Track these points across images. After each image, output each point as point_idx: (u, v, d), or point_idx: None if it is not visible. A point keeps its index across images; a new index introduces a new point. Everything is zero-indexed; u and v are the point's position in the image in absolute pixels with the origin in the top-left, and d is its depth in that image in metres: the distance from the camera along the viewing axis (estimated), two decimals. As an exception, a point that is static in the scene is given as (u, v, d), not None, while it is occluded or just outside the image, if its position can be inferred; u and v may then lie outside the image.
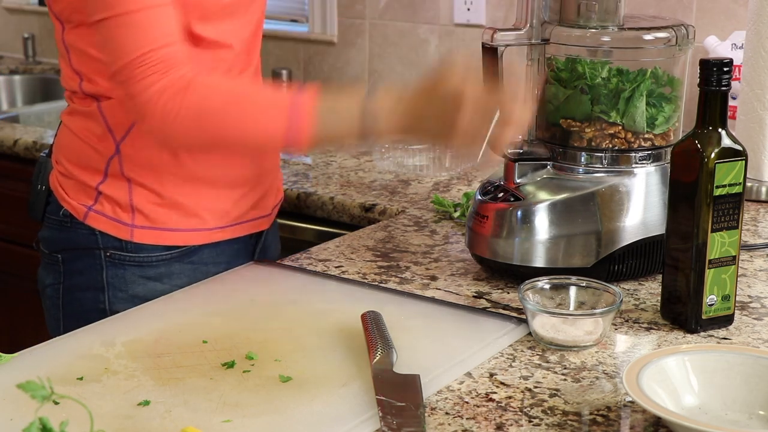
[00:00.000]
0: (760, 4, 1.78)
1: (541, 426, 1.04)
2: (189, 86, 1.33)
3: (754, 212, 1.77)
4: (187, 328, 1.26)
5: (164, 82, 1.32)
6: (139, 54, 1.32)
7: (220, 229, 1.54)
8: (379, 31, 2.75)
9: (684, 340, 1.25)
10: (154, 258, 1.50)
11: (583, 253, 1.37)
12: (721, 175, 1.21)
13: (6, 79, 3.29)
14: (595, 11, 1.38)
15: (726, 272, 1.24)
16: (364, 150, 2.25)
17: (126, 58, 1.33)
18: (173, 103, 1.32)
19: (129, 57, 1.32)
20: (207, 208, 1.51)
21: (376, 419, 1.02)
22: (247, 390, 1.09)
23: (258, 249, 1.63)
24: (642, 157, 1.40)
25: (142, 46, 1.32)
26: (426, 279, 1.44)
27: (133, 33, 1.33)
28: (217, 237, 1.53)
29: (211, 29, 1.44)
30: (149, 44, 1.33)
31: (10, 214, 2.54)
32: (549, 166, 1.42)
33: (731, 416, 1.05)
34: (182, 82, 1.33)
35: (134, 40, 1.33)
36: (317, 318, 1.29)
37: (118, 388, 1.10)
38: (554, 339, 1.21)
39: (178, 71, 1.34)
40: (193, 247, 1.52)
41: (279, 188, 1.68)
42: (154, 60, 1.32)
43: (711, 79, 1.20)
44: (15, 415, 1.03)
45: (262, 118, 1.34)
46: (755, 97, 1.82)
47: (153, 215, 1.49)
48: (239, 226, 1.55)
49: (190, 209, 1.50)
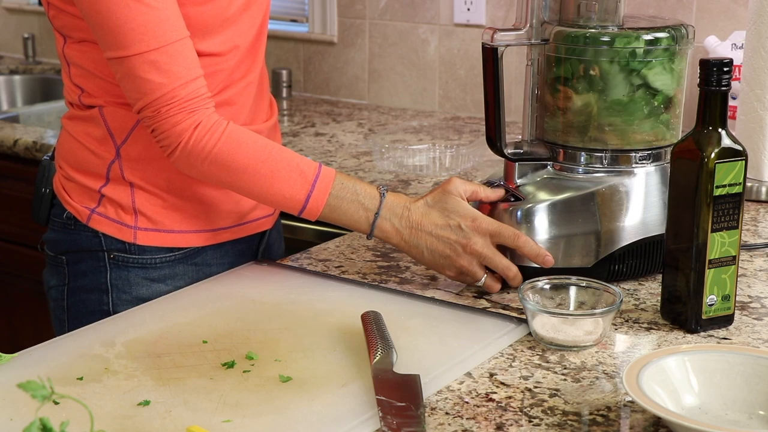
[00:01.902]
0: (760, 4, 1.78)
1: (541, 426, 1.04)
2: (223, 132, 1.36)
3: (754, 212, 1.77)
4: (187, 328, 1.26)
5: (194, 119, 1.34)
6: (166, 92, 1.33)
7: (224, 230, 1.54)
8: (379, 31, 2.75)
9: (684, 340, 1.25)
10: (158, 260, 1.50)
11: (583, 253, 1.37)
12: (721, 175, 1.21)
13: (6, 79, 3.30)
14: (595, 11, 1.38)
15: (726, 272, 1.24)
16: (364, 150, 2.25)
17: (151, 96, 1.33)
18: (204, 143, 1.35)
19: (154, 95, 1.33)
20: (210, 209, 1.51)
21: (376, 419, 1.02)
22: (247, 390, 1.09)
23: (261, 248, 1.63)
24: (642, 157, 1.40)
25: (167, 84, 1.33)
26: (426, 279, 1.44)
27: (155, 72, 1.33)
28: (221, 238, 1.54)
29: (212, 43, 1.44)
30: (174, 81, 1.34)
31: (10, 214, 2.54)
32: (549, 166, 1.43)
33: (731, 416, 1.05)
34: (214, 125, 1.36)
35: (159, 77, 1.33)
36: (317, 318, 1.29)
37: (118, 388, 1.10)
38: (554, 339, 1.21)
39: (207, 109, 1.36)
40: (196, 248, 1.52)
41: None
42: (182, 98, 1.34)
43: (711, 79, 1.20)
44: (15, 415, 1.03)
45: (286, 185, 1.37)
46: (755, 97, 1.82)
47: (156, 217, 1.49)
48: (242, 226, 1.56)
49: (193, 211, 1.50)
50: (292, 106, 2.79)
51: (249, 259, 1.59)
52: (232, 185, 1.38)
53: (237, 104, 1.50)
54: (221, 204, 1.52)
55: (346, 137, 2.40)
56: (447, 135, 2.39)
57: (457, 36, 2.64)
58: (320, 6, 2.84)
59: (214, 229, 1.53)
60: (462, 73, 2.65)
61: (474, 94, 2.64)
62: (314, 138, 2.39)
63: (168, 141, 1.35)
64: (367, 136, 2.41)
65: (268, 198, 1.39)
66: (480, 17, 2.58)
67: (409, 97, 2.75)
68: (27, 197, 1.72)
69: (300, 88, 2.93)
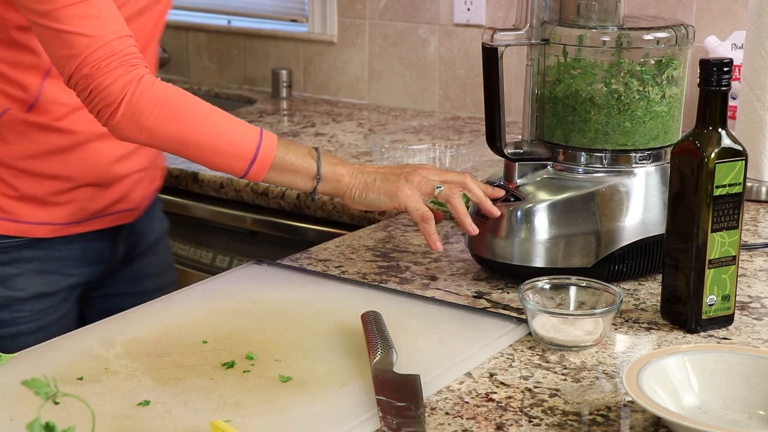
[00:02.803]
0: (760, 4, 1.78)
1: (541, 426, 1.04)
2: (166, 84, 1.34)
3: (754, 212, 1.77)
4: (187, 328, 1.26)
5: (137, 72, 1.32)
6: (103, 44, 1.30)
7: (76, 223, 1.56)
8: (379, 31, 2.75)
9: (684, 340, 1.25)
10: (4, 244, 1.52)
11: (583, 253, 1.37)
12: (721, 175, 1.21)
13: None
14: (595, 11, 1.38)
15: (726, 272, 1.24)
16: (364, 150, 2.25)
17: (88, 50, 1.30)
18: (150, 93, 1.32)
19: (91, 48, 1.30)
20: (61, 204, 1.53)
21: (376, 419, 1.02)
22: (247, 390, 1.09)
23: (122, 235, 1.63)
24: (642, 157, 1.40)
25: (103, 36, 1.30)
26: (426, 279, 1.44)
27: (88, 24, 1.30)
28: (72, 231, 1.56)
29: None
30: (109, 34, 1.31)
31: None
32: (549, 166, 1.43)
33: (731, 416, 1.05)
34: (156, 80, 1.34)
35: (92, 30, 1.30)
36: (317, 318, 1.29)
37: (118, 388, 1.10)
38: (554, 339, 1.21)
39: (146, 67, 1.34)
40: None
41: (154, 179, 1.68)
42: (120, 51, 1.31)
43: (711, 79, 1.20)
44: (15, 415, 1.03)
45: (236, 133, 1.35)
46: (755, 97, 1.82)
47: (6, 206, 1.51)
48: (97, 220, 1.57)
49: (43, 204, 1.52)
50: (292, 106, 2.79)
51: (106, 243, 1.61)
52: (180, 136, 1.33)
53: None
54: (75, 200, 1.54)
55: (346, 137, 2.40)
56: (447, 135, 2.39)
57: (457, 36, 2.64)
58: (320, 6, 2.84)
59: (66, 222, 1.55)
60: (462, 73, 2.65)
61: (474, 94, 2.64)
62: (314, 138, 2.39)
63: (111, 98, 1.31)
64: (367, 136, 2.41)
65: (218, 149, 1.35)
66: (480, 17, 2.58)
67: (409, 97, 2.75)
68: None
69: (300, 88, 2.93)
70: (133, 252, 1.68)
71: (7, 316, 1.54)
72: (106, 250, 1.63)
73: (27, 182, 1.51)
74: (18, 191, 1.51)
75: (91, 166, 1.53)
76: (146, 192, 1.65)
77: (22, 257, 1.54)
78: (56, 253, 1.56)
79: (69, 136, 1.51)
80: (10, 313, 1.54)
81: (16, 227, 1.52)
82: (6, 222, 1.52)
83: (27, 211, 1.52)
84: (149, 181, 1.66)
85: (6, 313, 1.54)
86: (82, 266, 1.60)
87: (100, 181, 1.56)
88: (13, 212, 1.51)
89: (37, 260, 1.55)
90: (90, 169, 1.54)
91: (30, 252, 1.54)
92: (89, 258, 1.61)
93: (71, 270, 1.59)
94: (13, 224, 1.52)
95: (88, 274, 1.61)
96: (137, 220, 1.65)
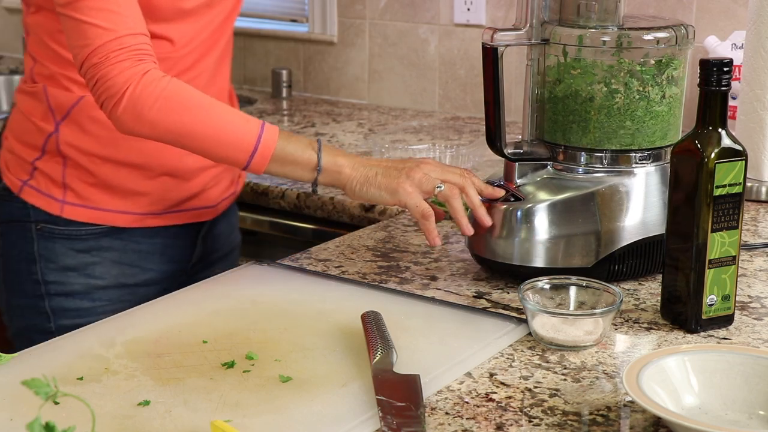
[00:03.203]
0: (760, 4, 1.78)
1: (541, 426, 1.04)
2: (171, 79, 1.36)
3: (754, 212, 1.77)
4: (187, 328, 1.26)
5: (142, 67, 1.34)
6: (114, 38, 1.34)
7: (153, 215, 1.58)
8: (379, 31, 2.75)
9: (684, 340, 1.25)
10: (84, 232, 1.55)
11: (583, 253, 1.37)
12: (721, 175, 1.21)
13: (6, 79, 3.30)
14: (595, 11, 1.38)
15: (726, 272, 1.24)
16: (364, 150, 2.25)
17: (99, 41, 1.34)
18: (152, 88, 1.34)
19: (102, 40, 1.34)
20: (140, 193, 1.56)
21: (376, 419, 1.02)
22: (247, 390, 1.09)
23: (202, 235, 1.65)
24: (642, 157, 1.40)
25: (116, 30, 1.34)
26: (426, 279, 1.44)
27: (104, 18, 1.34)
28: (148, 222, 1.59)
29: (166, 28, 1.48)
30: (122, 29, 1.35)
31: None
32: (549, 166, 1.43)
33: (731, 416, 1.05)
34: (163, 75, 1.36)
35: (107, 23, 1.34)
36: (317, 318, 1.29)
37: (118, 388, 1.10)
38: (554, 339, 1.21)
39: (155, 63, 1.37)
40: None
41: (233, 180, 1.70)
42: (130, 46, 1.34)
43: (711, 79, 1.20)
44: (15, 415, 1.03)
45: (237, 125, 1.37)
46: (755, 97, 1.82)
47: (84, 194, 1.54)
48: (174, 214, 1.59)
49: (121, 192, 1.55)
50: (292, 106, 2.79)
51: (185, 241, 1.63)
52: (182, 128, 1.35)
53: None
54: (153, 189, 1.56)
55: (346, 137, 2.40)
56: (447, 135, 2.39)
57: (457, 36, 2.64)
58: (320, 6, 2.84)
59: (143, 213, 1.57)
60: (462, 73, 2.65)
61: (474, 94, 2.64)
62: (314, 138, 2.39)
63: (115, 89, 1.34)
64: (367, 136, 2.41)
65: (219, 140, 1.36)
66: (480, 17, 2.58)
67: (409, 97, 2.75)
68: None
69: (300, 88, 2.93)
70: (207, 257, 1.70)
71: (87, 304, 1.57)
72: (185, 249, 1.65)
73: (105, 169, 1.53)
74: (96, 178, 1.54)
75: (168, 155, 1.56)
76: (224, 192, 1.68)
77: (101, 246, 1.56)
78: (135, 246, 1.58)
79: None
80: (90, 301, 1.57)
81: (96, 214, 1.54)
82: (85, 209, 1.54)
83: (106, 198, 1.54)
84: (228, 182, 1.69)
85: (86, 302, 1.57)
86: (161, 263, 1.63)
87: (176, 172, 1.58)
88: (92, 199, 1.54)
89: (114, 250, 1.57)
90: (168, 158, 1.56)
91: (108, 241, 1.56)
92: (168, 255, 1.63)
93: (150, 265, 1.61)
94: (93, 211, 1.54)
95: (165, 271, 1.64)
96: (216, 224, 1.68)
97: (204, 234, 1.67)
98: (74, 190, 1.54)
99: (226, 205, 1.70)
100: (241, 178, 1.76)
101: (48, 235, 1.55)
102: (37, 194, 1.55)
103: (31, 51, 1.55)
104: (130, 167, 1.54)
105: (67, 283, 1.57)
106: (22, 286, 1.56)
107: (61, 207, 1.54)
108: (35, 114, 1.54)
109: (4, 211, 1.59)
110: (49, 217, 1.54)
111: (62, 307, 1.57)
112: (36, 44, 1.53)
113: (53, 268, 1.56)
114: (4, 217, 1.59)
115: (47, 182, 1.54)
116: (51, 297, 1.57)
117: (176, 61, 1.52)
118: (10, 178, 1.58)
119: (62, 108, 1.52)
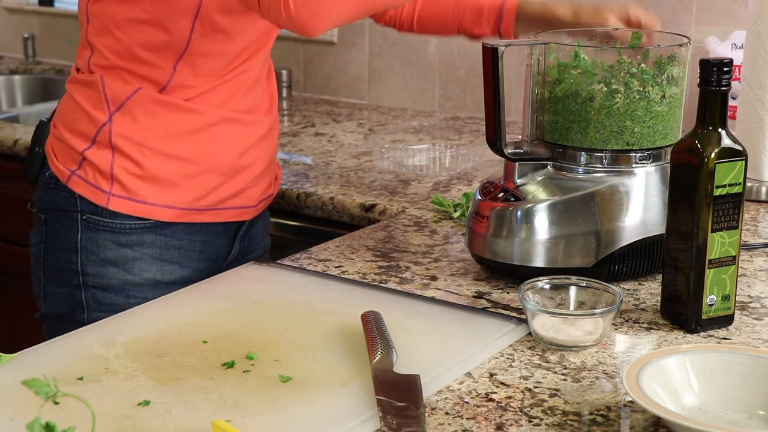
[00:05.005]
0: (760, 4, 1.78)
1: (541, 426, 1.04)
2: None
3: (754, 212, 1.77)
4: (187, 328, 1.26)
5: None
6: None
7: (196, 211, 1.58)
8: (379, 31, 2.75)
9: (684, 340, 1.25)
10: (128, 225, 1.55)
11: (583, 253, 1.37)
12: (721, 175, 1.21)
13: (6, 79, 3.29)
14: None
15: (726, 272, 1.24)
16: (364, 150, 2.25)
17: None
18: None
19: None
20: (185, 188, 1.56)
21: (376, 419, 1.02)
22: (247, 390, 1.09)
23: (240, 235, 1.65)
24: (642, 157, 1.40)
25: None
26: (426, 279, 1.44)
27: None
28: (192, 218, 1.59)
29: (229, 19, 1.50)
30: None
31: (11, 214, 2.54)
32: (549, 166, 1.43)
33: (731, 416, 1.05)
34: None
35: None
36: (317, 318, 1.29)
37: (118, 388, 1.10)
38: (554, 339, 1.21)
39: None
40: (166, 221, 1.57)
41: (271, 182, 1.71)
42: None
43: (711, 79, 1.20)
44: (15, 415, 1.03)
45: None
46: (755, 97, 1.82)
47: (131, 186, 1.54)
48: (217, 211, 1.59)
49: (167, 186, 1.55)
50: (292, 106, 2.79)
51: (224, 240, 1.64)
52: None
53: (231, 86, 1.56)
54: (198, 185, 1.57)
55: (346, 137, 2.40)
56: (447, 135, 2.39)
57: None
58: (320, 6, 2.83)
59: (186, 208, 1.58)
60: (462, 73, 2.65)
61: (474, 94, 2.64)
62: (314, 138, 2.39)
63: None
64: (367, 136, 2.41)
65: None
66: (480, 17, 2.57)
67: (409, 97, 2.75)
68: (27, 197, 1.73)
69: (300, 88, 2.93)
70: (242, 258, 1.70)
71: (122, 300, 1.57)
72: (222, 248, 1.66)
73: (153, 161, 1.54)
74: (144, 170, 1.54)
75: (217, 150, 1.57)
76: (264, 193, 1.69)
77: (144, 241, 1.57)
78: (176, 242, 1.59)
79: (197, 116, 1.55)
80: (125, 298, 1.58)
81: (140, 208, 1.55)
82: (131, 202, 1.55)
83: (151, 192, 1.55)
84: (267, 182, 1.70)
85: (122, 298, 1.58)
86: (199, 260, 1.63)
87: (225, 169, 1.59)
88: (137, 192, 1.55)
89: (156, 246, 1.58)
90: (216, 153, 1.58)
91: (152, 237, 1.57)
92: (207, 252, 1.64)
93: (188, 262, 1.62)
94: (138, 205, 1.55)
95: (202, 269, 1.64)
96: (254, 224, 1.70)
97: (242, 234, 1.68)
98: (121, 182, 1.54)
99: (264, 205, 1.71)
100: (277, 180, 1.77)
101: (93, 226, 1.55)
102: (85, 184, 1.55)
103: (91, 40, 1.55)
104: (179, 160, 1.55)
105: (105, 277, 1.57)
106: (61, 275, 1.57)
107: (108, 198, 1.55)
108: (89, 103, 1.55)
109: (50, 199, 1.59)
110: (95, 208, 1.55)
111: (97, 300, 1.58)
112: (97, 33, 1.54)
113: (93, 260, 1.56)
114: (50, 204, 1.59)
115: (95, 173, 1.55)
116: (87, 288, 1.58)
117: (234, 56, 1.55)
118: (58, 166, 1.58)
119: (117, 98, 1.53)
